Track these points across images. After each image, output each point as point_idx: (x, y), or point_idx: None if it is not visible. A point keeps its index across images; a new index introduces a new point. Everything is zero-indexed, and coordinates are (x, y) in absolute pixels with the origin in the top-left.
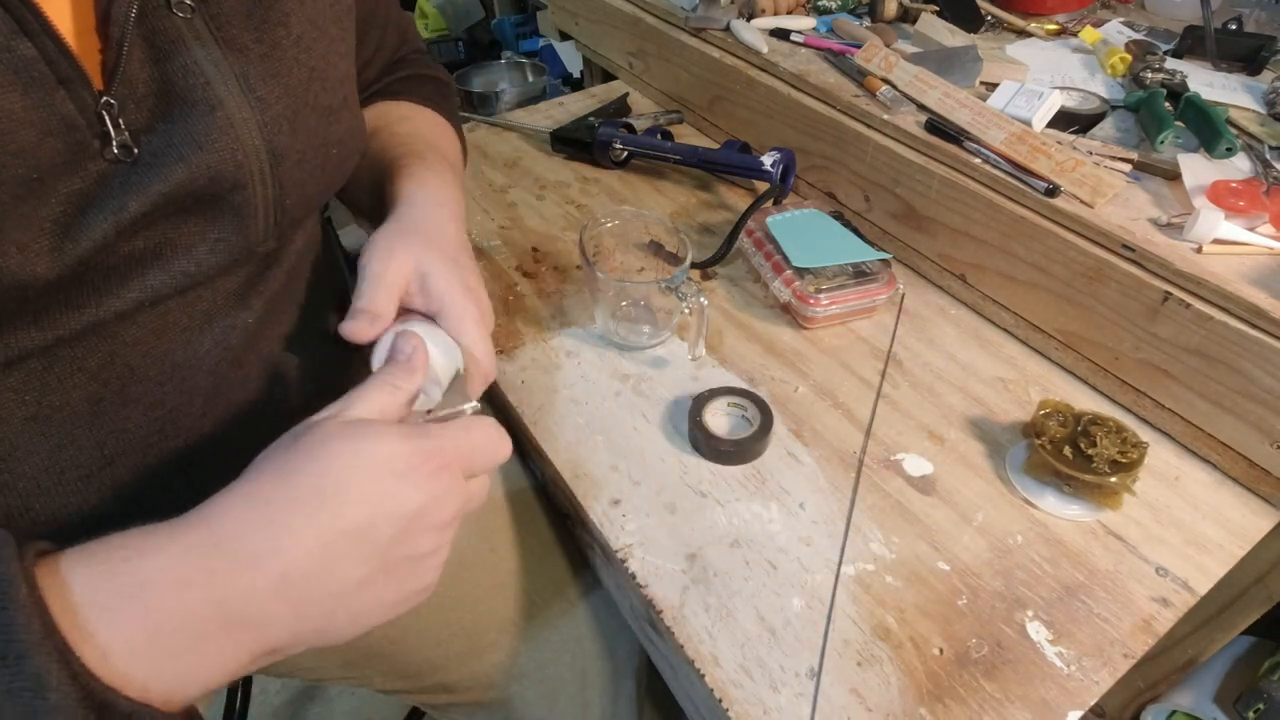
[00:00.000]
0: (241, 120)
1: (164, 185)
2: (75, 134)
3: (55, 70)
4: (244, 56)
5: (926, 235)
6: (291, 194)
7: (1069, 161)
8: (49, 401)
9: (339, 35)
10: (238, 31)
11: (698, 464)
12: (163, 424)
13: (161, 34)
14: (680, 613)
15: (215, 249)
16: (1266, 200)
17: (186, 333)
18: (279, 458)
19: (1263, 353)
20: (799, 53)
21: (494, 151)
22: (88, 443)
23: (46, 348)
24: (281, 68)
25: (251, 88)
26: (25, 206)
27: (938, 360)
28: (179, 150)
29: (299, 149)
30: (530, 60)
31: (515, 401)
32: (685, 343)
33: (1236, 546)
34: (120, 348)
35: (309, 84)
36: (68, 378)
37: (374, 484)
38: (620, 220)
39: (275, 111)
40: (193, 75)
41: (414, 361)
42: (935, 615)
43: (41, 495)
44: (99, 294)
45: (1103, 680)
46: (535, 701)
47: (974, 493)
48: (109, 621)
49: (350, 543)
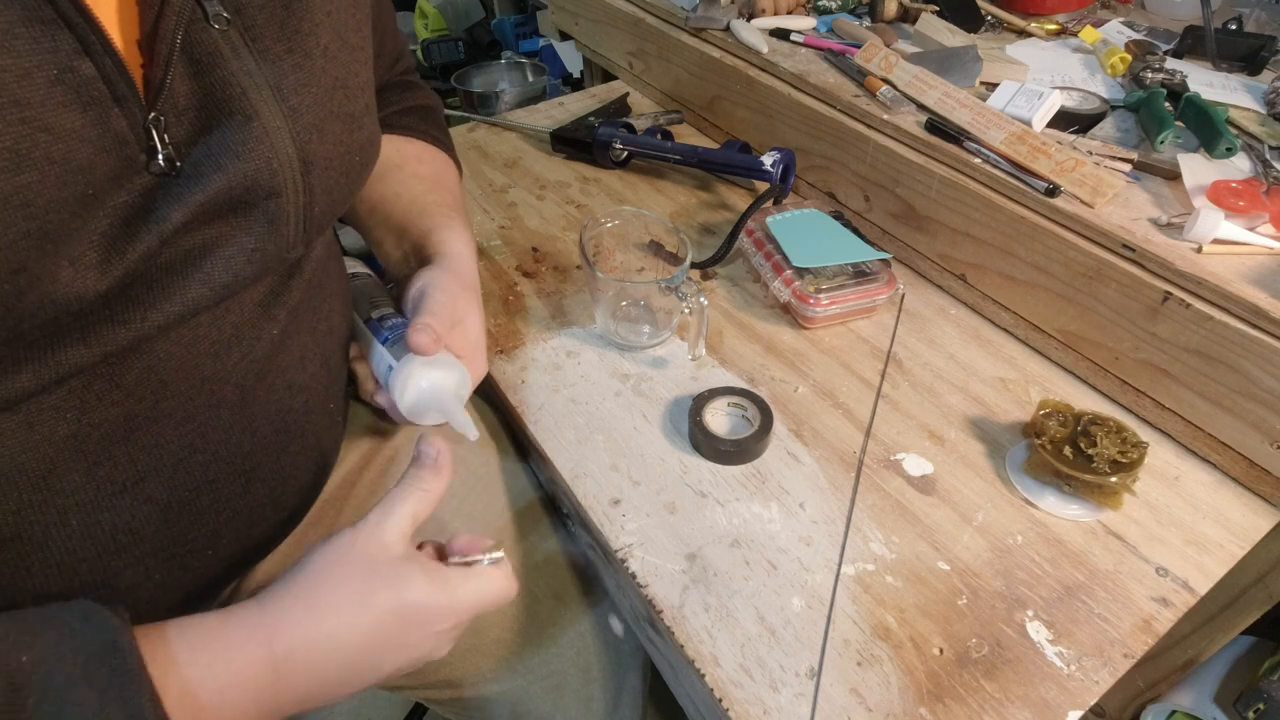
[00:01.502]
0: (276, 129)
1: (204, 195)
2: (125, 149)
3: (112, 89)
4: (277, 67)
5: (926, 235)
6: (320, 200)
7: (1069, 161)
8: (88, 419)
9: (359, 44)
10: (271, 43)
11: (698, 464)
12: (192, 439)
13: (200, 47)
14: (680, 613)
15: (251, 258)
16: (1266, 200)
17: (215, 346)
18: (340, 571)
19: (1263, 353)
20: (799, 53)
21: (494, 151)
22: (122, 459)
23: (92, 365)
24: (311, 77)
25: (284, 97)
26: (78, 221)
27: (938, 360)
28: (217, 160)
29: (326, 155)
30: (530, 60)
31: (515, 401)
32: (685, 343)
33: (1236, 546)
34: (155, 363)
35: (334, 92)
36: (106, 394)
37: (401, 636)
38: (620, 220)
39: (306, 120)
40: (230, 87)
41: (440, 463)
42: (935, 615)
43: (78, 511)
44: (143, 308)
45: (1103, 680)
46: (539, 696)
47: (974, 493)
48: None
49: (362, 664)
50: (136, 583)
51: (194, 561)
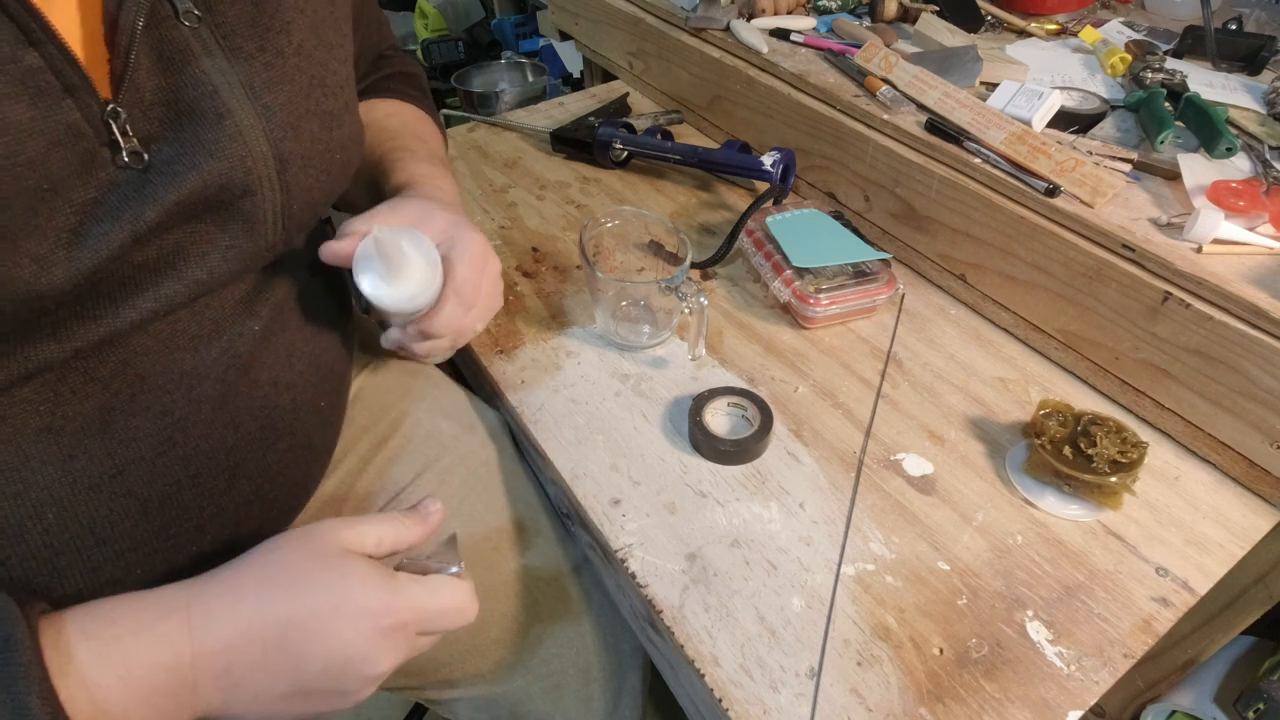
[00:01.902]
0: (249, 128)
1: (178, 194)
2: (83, 143)
3: (61, 79)
4: (249, 65)
5: (926, 235)
6: (298, 199)
7: (1069, 161)
8: (62, 412)
9: (337, 41)
10: (243, 41)
11: (698, 464)
12: (171, 433)
13: (170, 44)
14: (680, 613)
15: (227, 256)
16: (1266, 200)
17: (195, 341)
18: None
19: (1263, 353)
20: (799, 53)
21: (494, 151)
22: (99, 452)
23: (64, 360)
24: (285, 75)
25: (257, 95)
26: (38, 218)
27: (938, 360)
28: (191, 158)
29: (303, 154)
30: (530, 60)
31: (515, 401)
32: (685, 343)
33: (1236, 546)
34: (131, 357)
35: (310, 90)
36: (80, 388)
37: (330, 622)
38: (620, 220)
39: (280, 118)
40: (201, 85)
41: (428, 517)
42: (935, 615)
43: (54, 505)
44: (115, 304)
45: (1103, 680)
46: (539, 696)
47: (974, 493)
48: (95, 686)
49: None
50: (118, 577)
51: (179, 558)
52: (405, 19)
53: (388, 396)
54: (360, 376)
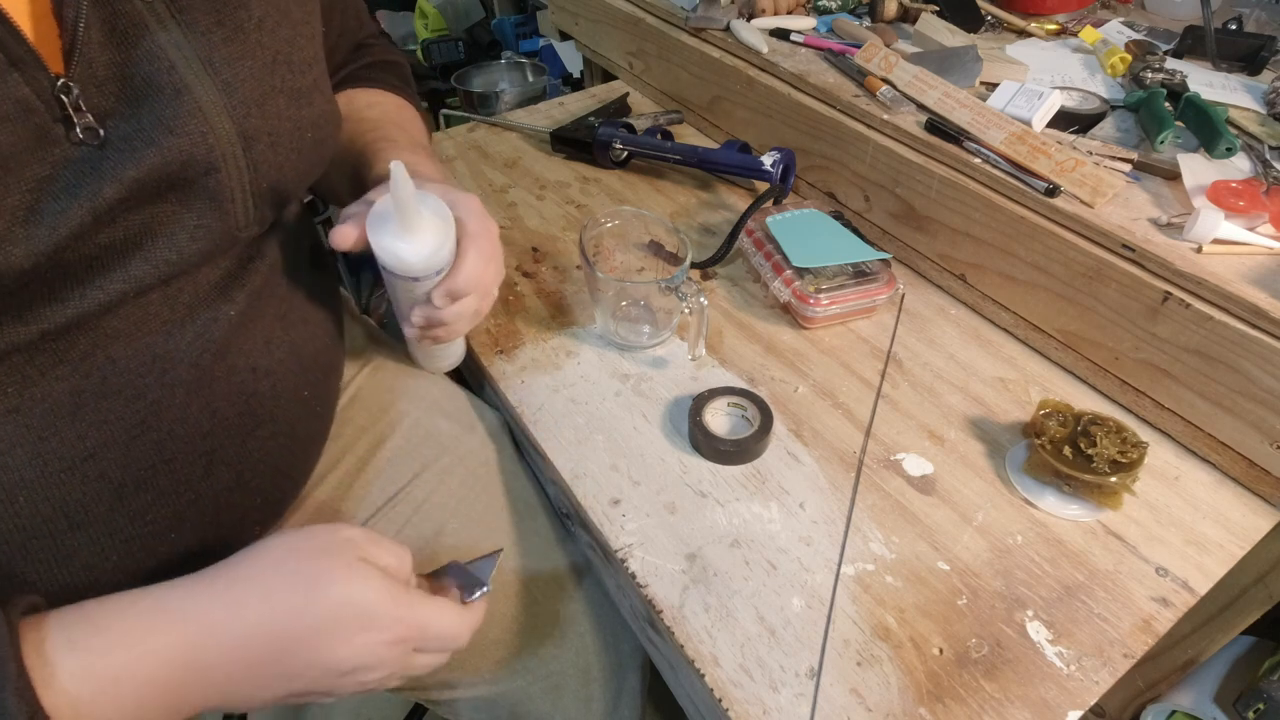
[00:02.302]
0: (209, 103)
1: (137, 170)
2: (34, 118)
3: (6, 52)
4: (207, 40)
5: (926, 235)
6: (268, 177)
7: (1069, 161)
8: (30, 394)
9: (302, 19)
10: (199, 15)
11: (698, 464)
12: (144, 416)
13: (123, 17)
14: (680, 613)
15: (196, 235)
16: (1266, 200)
17: (168, 325)
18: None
19: (1263, 353)
20: (799, 53)
21: (494, 151)
22: (70, 435)
23: (31, 342)
24: (245, 50)
25: (216, 71)
26: None
27: (938, 360)
28: (149, 134)
29: (270, 131)
30: (530, 60)
31: (515, 401)
32: (685, 343)
33: (1236, 546)
34: (102, 339)
35: (274, 66)
36: (49, 369)
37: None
38: (620, 220)
39: (242, 94)
40: (157, 60)
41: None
42: (935, 615)
43: (25, 488)
44: (82, 285)
45: (1103, 680)
46: (538, 697)
47: (974, 493)
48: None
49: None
50: (92, 563)
51: (158, 545)
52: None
53: (386, 396)
54: (359, 376)
